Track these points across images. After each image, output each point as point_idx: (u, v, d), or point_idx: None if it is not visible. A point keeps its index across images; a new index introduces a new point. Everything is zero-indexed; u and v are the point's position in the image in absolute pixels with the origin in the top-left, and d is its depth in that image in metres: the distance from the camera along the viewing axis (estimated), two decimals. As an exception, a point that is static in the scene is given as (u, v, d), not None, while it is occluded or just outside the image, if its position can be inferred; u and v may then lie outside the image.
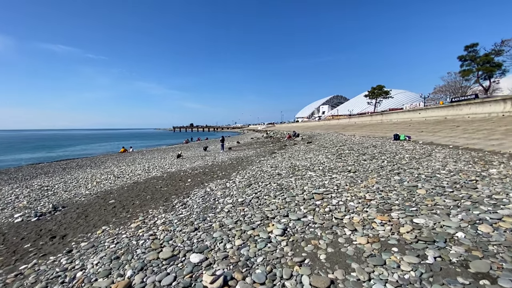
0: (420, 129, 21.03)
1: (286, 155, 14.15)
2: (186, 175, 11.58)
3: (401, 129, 24.09)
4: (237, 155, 18.74)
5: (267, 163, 11.82)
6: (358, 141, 17.61)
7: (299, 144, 21.51)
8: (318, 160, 10.74)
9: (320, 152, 13.47)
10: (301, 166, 9.64)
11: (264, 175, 8.78)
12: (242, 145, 30.56)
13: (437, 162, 8.19)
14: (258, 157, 15.36)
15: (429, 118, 28.14)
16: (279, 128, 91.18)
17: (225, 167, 12.54)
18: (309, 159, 11.39)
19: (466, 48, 40.35)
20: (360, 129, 32.42)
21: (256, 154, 17.38)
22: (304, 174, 8.01)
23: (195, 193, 7.31)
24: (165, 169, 14.72)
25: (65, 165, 19.68)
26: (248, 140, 41.40)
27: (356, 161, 9.32)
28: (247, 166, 12.00)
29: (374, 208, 4.35)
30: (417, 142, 14.63)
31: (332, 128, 47.65)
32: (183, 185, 9.15)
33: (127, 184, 10.92)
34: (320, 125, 72.12)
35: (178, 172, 12.94)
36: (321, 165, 9.39)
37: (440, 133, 17.03)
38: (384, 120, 39.32)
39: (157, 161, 19.40)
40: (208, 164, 14.66)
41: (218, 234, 3.88)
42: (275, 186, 6.76)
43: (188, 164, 15.96)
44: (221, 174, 10.58)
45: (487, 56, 38.50)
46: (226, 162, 14.74)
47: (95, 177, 13.43)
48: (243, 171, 10.53)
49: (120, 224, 5.36)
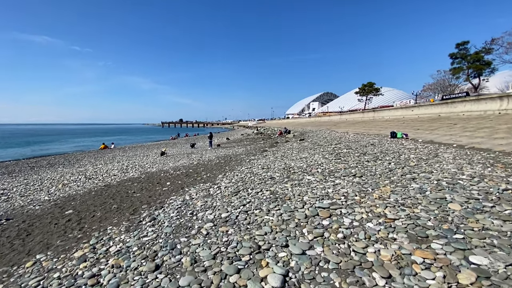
0: (415, 127, 20.34)
1: (279, 154, 12.99)
2: (166, 176, 10.23)
3: (395, 126, 23.39)
4: (225, 153, 17.45)
5: (258, 164, 10.62)
6: (354, 139, 16.66)
7: (291, 142, 20.42)
8: (315, 160, 9.62)
9: (316, 151, 12.38)
10: (296, 167, 8.48)
11: (254, 178, 7.57)
12: (231, 141, 29.22)
13: (450, 165, 7.21)
14: (248, 156, 14.15)
15: (422, 115, 27.64)
16: (269, 125, 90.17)
17: (211, 167, 11.26)
18: (304, 159, 10.26)
19: (457, 46, 40.29)
20: (353, 126, 31.69)
21: (246, 152, 16.15)
22: (302, 178, 6.84)
23: (171, 203, 6.02)
24: (145, 168, 13.29)
25: (34, 164, 17.80)
26: (238, 136, 40.05)
27: (359, 163, 8.24)
28: (236, 166, 10.76)
29: (403, 234, 3.22)
30: (416, 141, 13.78)
31: (323, 124, 46.92)
32: (159, 190, 7.82)
33: (97, 187, 9.47)
34: (311, 121, 71.48)
35: (158, 172, 11.56)
36: (319, 166, 8.26)
37: (437, 131, 16.29)
38: (376, 117, 38.82)
39: (138, 159, 17.86)
40: (193, 164, 13.32)
41: (186, 280, 2.64)
42: (267, 194, 5.56)
43: (171, 163, 14.56)
44: (205, 176, 9.29)
45: (477, 54, 38.53)
46: (213, 161, 13.45)
47: (63, 179, 11.85)
48: (230, 172, 9.28)
49: (63, 250, 4.03)
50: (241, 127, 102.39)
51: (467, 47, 39.65)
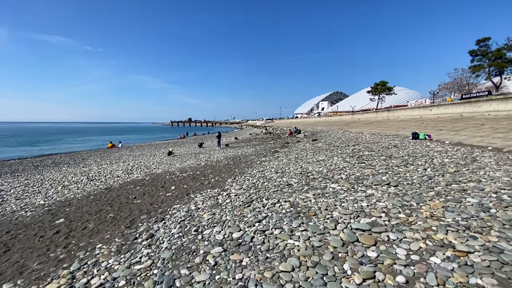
0: (437, 127, 19.00)
1: (292, 156, 12.06)
2: (171, 179, 9.46)
3: (413, 127, 22.05)
4: (234, 153, 16.63)
5: (270, 166, 9.73)
6: (372, 140, 15.55)
7: (303, 142, 19.43)
8: (335, 164, 8.64)
9: (333, 153, 11.38)
10: (315, 172, 7.54)
11: (268, 184, 6.68)
12: (240, 141, 28.42)
13: (497, 172, 6.13)
14: (259, 157, 13.27)
15: (441, 115, 26.12)
16: (278, 124, 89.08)
17: (220, 170, 10.44)
18: (322, 162, 9.30)
19: (477, 43, 38.21)
20: (367, 126, 30.37)
21: (256, 153, 15.28)
22: (324, 186, 5.91)
23: (174, 213, 5.20)
24: (151, 169, 12.60)
25: (39, 163, 17.43)
26: (246, 136, 39.23)
27: (388, 168, 7.23)
28: (246, 169, 9.89)
29: (489, 278, 2.27)
30: (442, 142, 12.59)
31: (334, 124, 45.59)
32: (163, 196, 7.03)
33: (97, 190, 8.78)
34: (321, 121, 70.01)
35: (164, 174, 10.82)
36: (341, 171, 7.29)
37: (464, 132, 14.99)
38: (390, 117, 37.28)
39: (144, 159, 17.25)
40: (200, 165, 12.54)
41: None
42: (287, 207, 4.66)
43: (178, 164, 13.84)
44: (213, 180, 8.46)
45: (499, 51, 36.44)
46: (222, 162, 12.63)
47: (64, 179, 11.26)
48: (241, 176, 8.42)
49: (36, 279, 3.24)
50: (249, 127, 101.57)
51: (488, 44, 37.57)
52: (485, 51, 37.61)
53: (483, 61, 38.24)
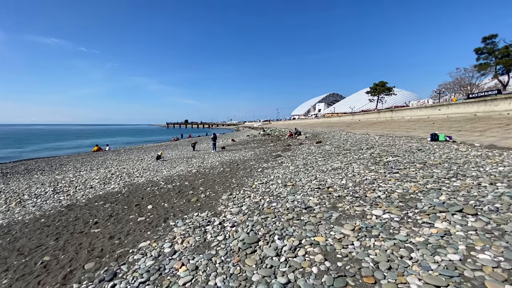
0: (453, 128, 17.32)
1: (299, 161, 10.23)
2: (152, 193, 7.57)
3: (425, 127, 20.39)
4: (231, 157, 14.78)
5: (275, 175, 7.89)
6: (385, 142, 13.78)
7: (306, 144, 17.63)
8: (357, 173, 6.82)
9: (348, 158, 9.57)
10: (337, 186, 5.71)
11: (277, 206, 4.84)
12: (237, 143, 26.54)
13: None
14: (259, 162, 11.44)
15: (452, 115, 24.52)
16: (275, 125, 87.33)
17: (213, 179, 8.57)
18: (340, 170, 7.47)
19: (483, 40, 36.84)
20: (371, 127, 28.68)
21: (256, 157, 13.44)
22: (361, 212, 4.08)
23: (136, 262, 3.34)
24: (132, 178, 10.70)
25: (10, 169, 15.37)
26: (244, 138, 37.34)
27: (434, 180, 5.41)
28: (245, 179, 8.04)
29: None
30: (471, 145, 10.86)
31: (334, 125, 43.93)
32: (132, 222, 5.16)
33: (56, 209, 6.87)
34: (319, 122, 68.41)
35: (145, 185, 8.94)
36: (373, 185, 5.47)
37: (490, 133, 13.29)
38: (394, 118, 35.68)
39: (130, 164, 15.32)
40: (191, 172, 10.67)
41: None
42: (319, 260, 2.82)
43: (165, 171, 11.96)
44: (203, 195, 6.59)
45: (506, 49, 35.09)
46: (216, 169, 10.78)
47: (26, 192, 9.31)
48: (238, 190, 6.57)
49: None
50: (247, 128, 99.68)
51: (495, 41, 36.22)
52: (491, 49, 36.25)
53: (490, 59, 36.88)
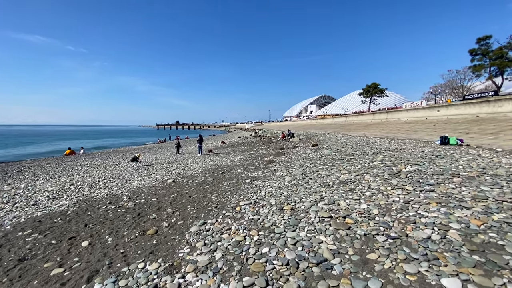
0: (459, 130, 16.03)
1: (295, 170, 8.52)
2: (104, 215, 5.71)
3: (426, 129, 19.12)
4: (217, 162, 12.99)
5: (268, 191, 6.15)
6: (392, 146, 12.26)
7: (301, 148, 15.99)
8: (377, 189, 5.16)
9: (355, 166, 7.93)
10: (356, 213, 4.02)
11: (270, 254, 3.12)
12: (227, 146, 24.72)
13: None
14: (248, 170, 9.70)
15: (452, 116, 23.45)
16: (268, 127, 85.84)
17: (189, 194, 6.76)
18: (350, 184, 5.79)
19: (478, 41, 36.32)
20: (367, 129, 27.38)
21: (245, 163, 11.69)
22: (418, 276, 2.40)
23: None
24: (93, 190, 8.78)
25: (-46, 177, 13.09)
26: (235, 139, 35.50)
27: (502, 207, 3.79)
28: (228, 194, 6.28)
29: None
30: (491, 149, 9.42)
31: (328, 127, 42.62)
32: (47, 271, 3.32)
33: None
34: (312, 124, 67.29)
35: (103, 200, 7.05)
36: (413, 216, 3.81)
37: (504, 136, 11.97)
38: (389, 119, 34.65)
39: (100, 171, 13.33)
40: (166, 182, 8.82)
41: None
42: None
43: (137, 179, 10.07)
44: (166, 225, 4.77)
45: (501, 50, 34.62)
46: (197, 178, 8.97)
47: None
48: (217, 217, 4.80)
49: None
50: (238, 130, 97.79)
51: (489, 43, 35.74)
52: (486, 50, 35.75)
53: (484, 60, 36.38)
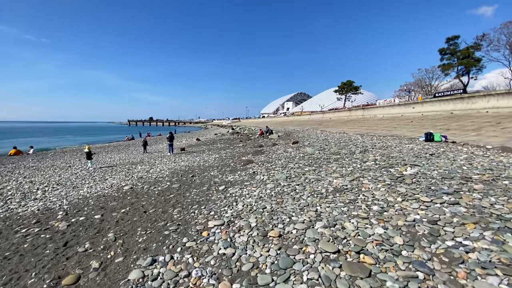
0: (439, 126, 15.88)
1: (278, 174, 7.30)
2: (15, 245, 4.04)
3: (405, 125, 18.97)
4: (189, 163, 11.45)
5: (246, 202, 4.84)
6: (377, 144, 11.54)
7: (281, 145, 14.89)
8: (384, 200, 4.08)
9: (343, 166, 6.90)
10: (375, 247, 2.86)
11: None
12: (202, 143, 22.99)
13: None
14: (223, 172, 8.33)
15: (427, 113, 23.76)
16: (245, 123, 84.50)
17: (146, 209, 5.24)
18: (348, 192, 4.68)
19: (447, 41, 37.68)
20: (345, 126, 27.10)
21: (220, 163, 10.29)
22: None
23: None
24: (23, 203, 6.91)
25: None
26: (211, 136, 33.72)
27: None
28: (195, 208, 4.88)
29: None
30: (480, 147, 8.94)
31: (305, 124, 42.27)
32: None
33: None
34: (290, 120, 67.06)
35: (28, 219, 5.30)
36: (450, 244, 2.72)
37: (486, 133, 11.74)
38: (366, 116, 34.90)
39: (47, 175, 11.22)
40: (121, 190, 7.17)
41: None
42: None
43: (87, 186, 8.29)
44: (95, 265, 3.30)
45: (467, 50, 36.19)
46: (160, 185, 7.42)
47: None
48: (174, 246, 3.42)
49: None
50: (215, 126, 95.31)
51: (457, 42, 37.24)
52: (454, 50, 37.20)
53: (452, 59, 37.88)
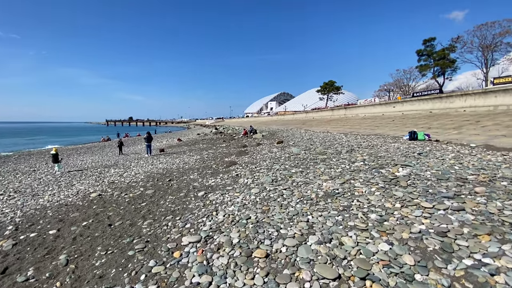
0: (420, 125, 16.05)
1: (263, 177, 6.76)
2: None
3: (387, 124, 19.15)
4: (167, 165, 10.66)
5: (227, 212, 4.26)
6: (363, 143, 11.34)
7: (266, 145, 14.41)
8: (381, 206, 3.66)
9: (332, 167, 6.49)
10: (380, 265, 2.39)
11: None
12: (183, 144, 22.03)
13: None
14: (203, 176, 7.68)
15: (407, 112, 24.26)
16: (229, 123, 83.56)
17: (107, 224, 4.51)
18: (341, 198, 4.22)
19: (424, 42, 38.95)
20: (328, 125, 27.15)
21: (201, 165, 9.61)
22: None
23: None
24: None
25: None
26: (193, 136, 32.65)
27: None
28: (169, 219, 4.22)
29: None
30: (462, 145, 8.91)
31: (289, 123, 42.22)
32: None
33: None
34: (273, 120, 67.01)
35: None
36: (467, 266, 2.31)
37: (467, 131, 11.88)
38: (348, 115, 35.33)
39: (6, 181, 10.02)
40: (88, 198, 6.33)
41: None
42: None
43: (48, 194, 7.32)
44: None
45: (443, 51, 37.61)
46: (133, 190, 6.64)
47: None
48: (136, 273, 2.77)
49: None
50: (198, 126, 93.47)
51: (434, 44, 38.61)
52: (430, 51, 38.51)
53: (429, 60, 39.21)
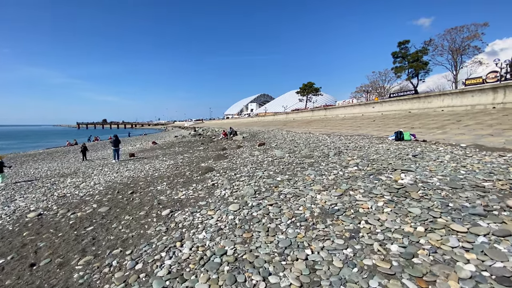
0: (402, 125, 15.82)
1: (244, 187, 5.72)
2: None
3: (369, 124, 18.91)
4: (134, 172, 9.28)
5: (197, 240, 3.15)
6: (350, 144, 10.67)
7: (247, 148, 13.40)
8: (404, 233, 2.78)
9: (323, 174, 5.61)
10: None
11: None
12: (158, 147, 20.37)
13: None
14: (174, 187, 6.50)
15: (386, 112, 24.36)
16: (208, 125, 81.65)
17: (29, 264, 3.20)
18: (344, 218, 3.31)
19: (399, 45, 40.12)
20: (309, 126, 26.71)
21: (174, 172, 8.37)
22: None
23: None
24: None
25: None
26: (170, 139, 30.75)
27: None
28: (114, 256, 3.05)
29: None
30: (451, 145, 8.48)
31: (270, 124, 41.57)
32: None
33: None
34: (254, 121, 66.22)
35: None
36: None
37: (451, 130, 11.65)
38: (328, 116, 35.26)
39: None
40: (23, 219, 4.90)
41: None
42: None
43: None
44: None
45: (417, 54, 38.90)
46: (81, 211, 5.27)
47: None
48: None
49: None
50: (176, 128, 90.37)
51: (408, 46, 39.85)
52: (405, 54, 39.70)
53: (403, 62, 40.40)
